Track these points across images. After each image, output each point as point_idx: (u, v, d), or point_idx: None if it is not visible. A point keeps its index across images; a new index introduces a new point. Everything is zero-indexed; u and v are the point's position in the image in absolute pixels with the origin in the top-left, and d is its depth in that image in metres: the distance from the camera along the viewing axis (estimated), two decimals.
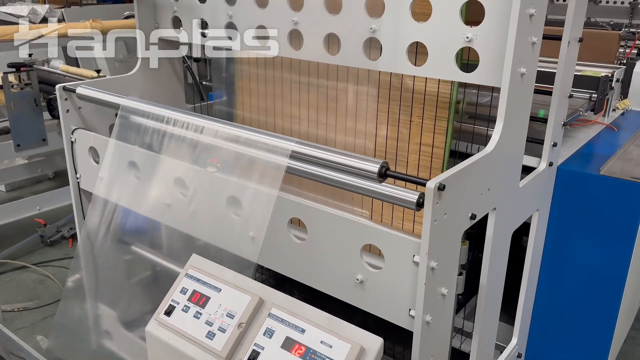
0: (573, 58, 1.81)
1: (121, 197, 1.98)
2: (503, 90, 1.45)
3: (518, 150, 1.65)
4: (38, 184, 4.38)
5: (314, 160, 1.47)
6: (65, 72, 3.61)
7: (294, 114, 2.17)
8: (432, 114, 1.82)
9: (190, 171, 1.78)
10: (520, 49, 1.44)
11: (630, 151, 2.14)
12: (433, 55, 1.61)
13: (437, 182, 1.23)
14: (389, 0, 1.64)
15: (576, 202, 1.95)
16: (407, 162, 1.92)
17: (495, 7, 1.46)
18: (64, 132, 2.11)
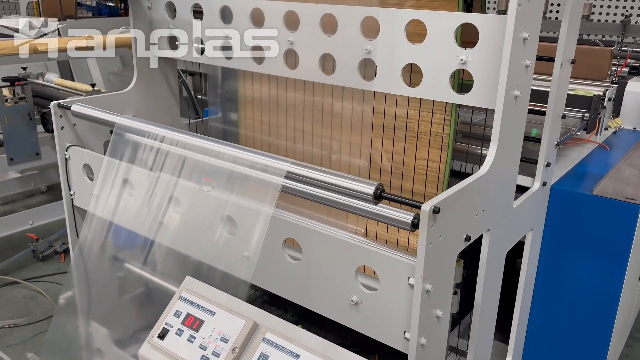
0: (566, 79, 1.83)
1: (115, 215, 1.97)
2: (497, 112, 1.47)
3: (512, 171, 1.66)
4: (30, 197, 4.35)
5: (309, 181, 1.47)
6: (60, 86, 3.61)
7: (291, 133, 2.18)
8: (428, 132, 1.83)
9: (185, 190, 1.77)
10: (514, 72, 1.45)
11: (622, 170, 2.16)
12: (427, 76, 1.62)
13: (432, 205, 1.24)
14: (384, 21, 1.66)
15: (570, 222, 1.96)
16: (402, 176, 1.93)
17: (489, 31, 1.48)
18: (58, 149, 2.11)
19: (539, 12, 1.50)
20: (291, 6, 1.84)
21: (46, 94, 3.51)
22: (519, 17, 1.40)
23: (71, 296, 2.20)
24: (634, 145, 2.48)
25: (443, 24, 1.55)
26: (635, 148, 2.45)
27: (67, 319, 2.17)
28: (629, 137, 2.62)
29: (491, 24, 1.47)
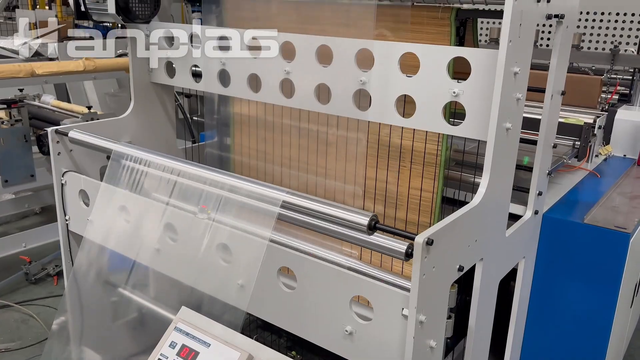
0: (556, 110, 1.87)
1: (110, 241, 1.98)
2: (489, 144, 1.49)
3: (504, 201, 1.68)
4: (24, 218, 4.33)
5: (304, 210, 1.49)
6: (56, 108, 3.63)
7: (286, 160, 2.20)
8: (421, 160, 1.86)
9: (181, 217, 1.79)
10: (505, 105, 1.49)
11: (613, 198, 2.19)
12: (421, 108, 1.65)
13: (425, 237, 1.26)
14: (379, 54, 1.69)
15: (562, 250, 1.98)
16: (396, 205, 1.95)
17: (481, 64, 1.52)
18: (55, 175, 2.12)
19: (529, 47, 1.54)
20: (288, 37, 1.88)
21: (42, 115, 3.52)
22: (510, 52, 1.44)
23: (64, 321, 2.19)
24: (624, 173, 2.52)
25: (436, 58, 1.59)
26: (626, 176, 2.49)
27: (60, 344, 2.16)
28: (620, 164, 2.66)
29: (483, 58, 1.51)
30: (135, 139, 2.35)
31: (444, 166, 1.87)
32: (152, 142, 2.42)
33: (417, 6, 1.75)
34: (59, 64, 3.45)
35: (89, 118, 3.25)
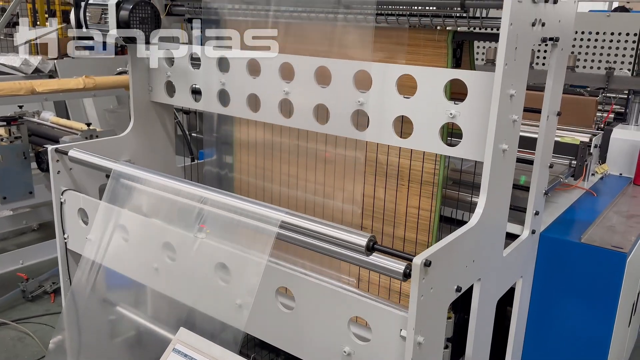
0: (552, 130, 1.89)
1: (109, 259, 1.98)
2: (485, 165, 1.51)
3: (501, 221, 1.69)
4: (22, 235, 4.32)
5: (303, 231, 1.50)
6: (55, 125, 3.64)
7: (285, 179, 2.22)
8: (419, 179, 1.88)
9: (179, 236, 1.79)
10: (501, 127, 1.51)
11: (609, 217, 2.20)
12: (418, 129, 1.67)
13: (423, 258, 1.26)
14: (376, 75, 1.72)
15: (559, 269, 1.99)
16: (394, 223, 1.96)
17: (477, 87, 1.54)
18: (54, 193, 2.12)
19: (525, 69, 1.56)
20: (286, 58, 1.90)
21: (42, 132, 3.54)
22: (506, 75, 1.46)
23: (61, 340, 2.18)
24: (621, 192, 2.54)
25: (433, 80, 1.62)
26: (622, 194, 2.51)
27: None
28: (616, 183, 2.68)
29: (479, 80, 1.53)
30: (135, 157, 2.37)
31: (442, 185, 1.88)
32: (151, 160, 2.43)
33: (414, 28, 1.78)
34: (59, 82, 3.47)
35: (88, 135, 3.27)
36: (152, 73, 2.31)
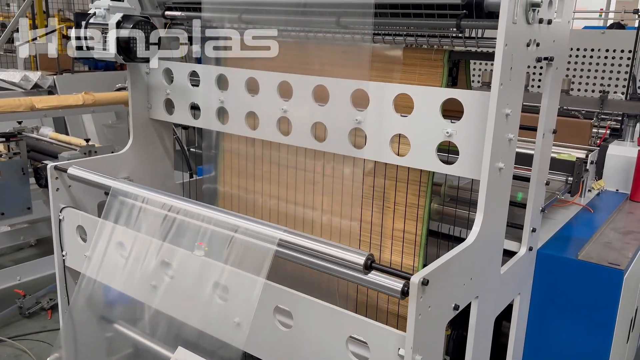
0: (548, 148, 1.90)
1: (107, 277, 1.98)
2: (482, 184, 1.52)
3: (498, 238, 1.70)
4: (19, 251, 4.31)
5: (300, 249, 1.51)
6: (54, 140, 3.66)
7: (280, 195, 2.22)
8: (411, 202, 1.89)
9: (177, 254, 1.80)
10: (497, 146, 1.52)
11: (606, 234, 2.21)
12: (415, 147, 1.69)
13: (421, 277, 1.27)
14: (373, 94, 1.74)
15: (556, 286, 1.99)
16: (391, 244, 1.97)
17: (473, 106, 1.56)
18: (53, 211, 2.13)
19: (520, 89, 1.58)
20: (285, 77, 1.92)
21: (40, 148, 3.55)
22: (502, 94, 1.48)
23: (58, 358, 2.18)
24: (617, 208, 2.55)
25: (430, 99, 1.63)
26: (619, 211, 2.52)
27: None
28: (612, 199, 2.69)
29: (475, 99, 1.55)
30: (134, 174, 2.38)
31: (429, 207, 1.88)
32: (150, 177, 2.44)
33: (411, 48, 1.80)
34: (58, 98, 3.49)
35: (87, 151, 3.27)
36: (151, 91, 2.33)
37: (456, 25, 1.58)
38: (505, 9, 1.42)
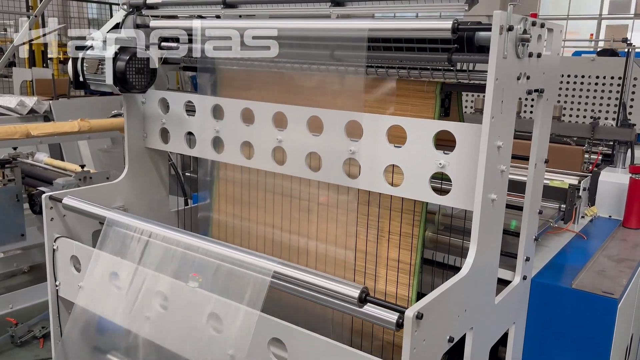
0: (540, 177, 1.93)
1: (101, 307, 1.97)
2: (475, 215, 1.53)
3: (492, 269, 1.71)
4: (12, 277, 4.27)
5: (295, 281, 1.51)
6: (49, 166, 3.65)
7: (275, 224, 2.23)
8: (405, 231, 1.90)
9: (171, 285, 1.79)
10: (490, 177, 1.54)
11: (600, 262, 2.22)
12: (408, 178, 1.70)
13: (415, 311, 1.27)
14: (367, 126, 1.76)
15: (551, 315, 2.00)
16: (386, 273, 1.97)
17: (465, 138, 1.58)
18: (47, 241, 2.12)
19: (512, 121, 1.61)
20: (280, 107, 1.94)
21: (35, 174, 3.54)
22: (493, 127, 1.50)
23: None
24: (610, 235, 2.56)
25: (422, 130, 1.66)
26: (612, 238, 2.53)
27: None
28: (605, 225, 2.71)
29: (467, 132, 1.58)
30: (129, 203, 2.38)
31: (423, 237, 1.89)
32: (145, 205, 2.44)
33: (404, 79, 1.83)
34: (54, 125, 3.50)
35: (82, 177, 3.27)
36: (147, 120, 2.35)
37: (448, 59, 1.61)
38: (495, 44, 1.45)
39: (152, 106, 2.32)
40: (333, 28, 1.76)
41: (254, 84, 2.17)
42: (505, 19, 1.45)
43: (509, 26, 1.46)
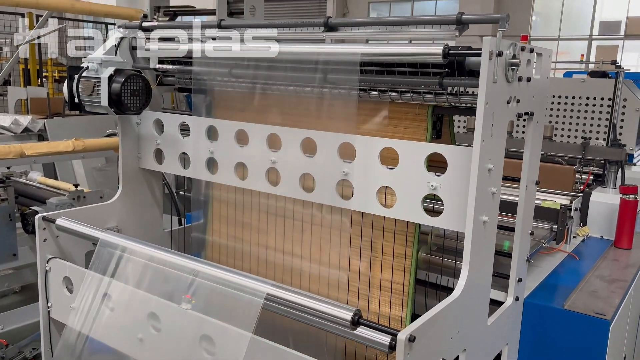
0: (532, 199, 1.94)
1: (93, 329, 1.96)
2: (467, 237, 1.55)
3: (485, 290, 1.72)
4: (3, 298, 4.23)
5: (288, 304, 1.51)
6: (43, 185, 3.64)
7: (268, 244, 2.23)
8: (398, 252, 1.91)
9: (164, 306, 1.78)
10: (481, 200, 1.55)
11: (592, 282, 2.23)
12: (400, 199, 1.72)
13: (407, 334, 1.28)
14: (360, 148, 1.78)
15: (544, 336, 2.00)
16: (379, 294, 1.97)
17: (457, 160, 1.60)
18: (39, 262, 2.12)
19: (502, 144, 1.63)
20: (274, 129, 1.96)
21: (29, 193, 3.53)
22: (484, 150, 1.52)
23: None
24: (602, 255, 2.58)
25: (414, 153, 1.68)
26: (603, 258, 2.55)
27: None
28: (597, 245, 2.73)
29: (458, 154, 1.60)
30: (122, 223, 2.38)
31: (417, 258, 1.90)
32: (139, 225, 2.44)
33: (396, 102, 1.85)
34: (48, 145, 3.50)
35: (76, 196, 3.26)
36: (142, 141, 2.36)
37: (439, 83, 1.64)
38: (485, 69, 1.48)
39: (146, 127, 2.33)
40: (327, 52, 1.79)
41: (248, 106, 2.19)
42: (495, 44, 1.48)
43: (498, 51, 1.49)
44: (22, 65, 7.79)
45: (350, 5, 15.81)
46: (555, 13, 13.81)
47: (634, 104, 3.73)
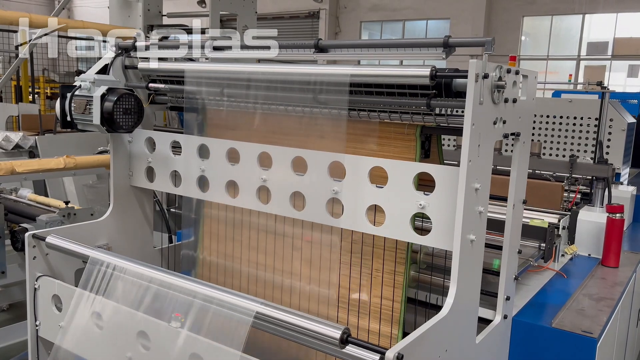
0: (519, 217, 1.97)
1: (82, 348, 1.95)
2: (454, 256, 1.57)
3: (473, 308, 1.73)
4: None
5: (277, 322, 1.52)
6: (33, 202, 3.63)
7: (259, 261, 2.24)
8: (389, 269, 1.92)
9: (154, 325, 1.78)
10: (468, 218, 1.58)
11: (579, 300, 2.26)
12: (390, 218, 1.74)
13: (395, 352, 1.29)
14: (349, 167, 1.80)
15: (532, 353, 2.02)
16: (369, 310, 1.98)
17: (444, 180, 1.62)
18: (28, 280, 2.11)
19: (489, 164, 1.66)
20: (265, 148, 1.98)
21: (18, 210, 3.51)
22: (470, 170, 1.55)
23: None
24: (590, 273, 2.61)
25: (403, 172, 1.70)
26: (591, 276, 2.57)
27: None
28: (585, 263, 2.75)
29: (446, 174, 1.62)
30: (112, 241, 2.38)
31: (408, 275, 1.92)
32: (129, 243, 2.44)
33: (385, 122, 1.88)
34: (39, 162, 3.49)
35: (66, 213, 3.25)
36: (133, 159, 2.37)
37: (427, 104, 1.67)
38: (471, 91, 1.52)
39: (138, 145, 2.34)
40: (317, 73, 1.83)
41: (239, 124, 2.21)
42: (481, 67, 1.52)
43: (484, 74, 1.53)
44: (14, 82, 7.79)
45: (343, 24, 16.02)
46: (544, 33, 14.06)
47: (620, 124, 3.80)
